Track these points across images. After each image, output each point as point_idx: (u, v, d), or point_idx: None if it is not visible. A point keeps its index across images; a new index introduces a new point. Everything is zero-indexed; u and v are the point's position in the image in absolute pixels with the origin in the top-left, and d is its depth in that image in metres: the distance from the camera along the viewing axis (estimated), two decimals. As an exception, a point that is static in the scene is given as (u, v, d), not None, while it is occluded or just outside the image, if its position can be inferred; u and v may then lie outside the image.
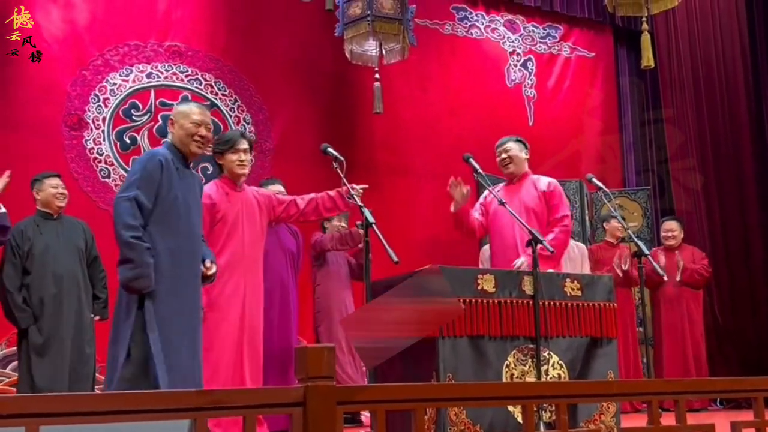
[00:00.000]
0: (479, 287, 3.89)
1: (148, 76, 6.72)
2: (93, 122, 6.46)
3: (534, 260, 3.97)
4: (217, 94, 6.97)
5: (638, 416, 6.10)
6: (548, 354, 4.02)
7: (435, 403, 2.51)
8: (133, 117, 6.60)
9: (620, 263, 6.64)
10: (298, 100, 7.30)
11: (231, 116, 7.00)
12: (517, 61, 8.59)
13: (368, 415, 5.17)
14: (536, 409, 3.60)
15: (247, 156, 4.33)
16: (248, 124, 7.07)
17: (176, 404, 1.56)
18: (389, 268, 3.63)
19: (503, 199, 4.39)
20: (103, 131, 6.49)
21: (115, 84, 6.58)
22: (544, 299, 4.00)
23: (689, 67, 8.53)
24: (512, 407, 3.78)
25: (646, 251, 4.94)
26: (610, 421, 4.12)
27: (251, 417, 1.61)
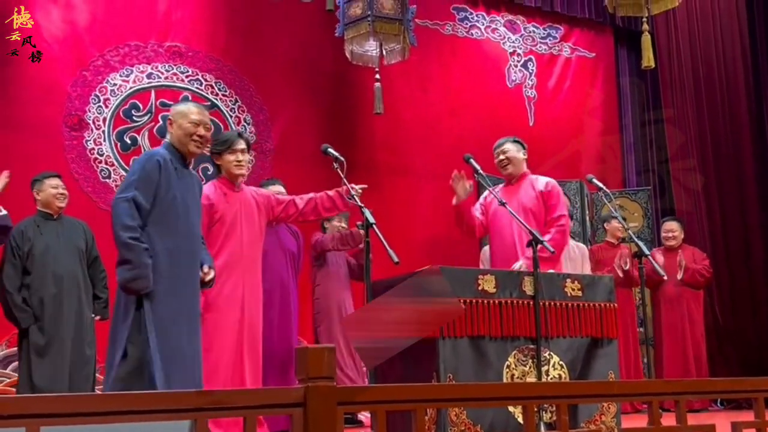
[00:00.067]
0: (480, 288, 3.89)
1: (149, 76, 6.72)
2: (93, 123, 6.47)
3: (535, 260, 3.97)
4: (217, 94, 6.97)
5: (639, 416, 6.09)
6: (549, 354, 4.02)
7: (435, 404, 2.51)
8: (134, 117, 6.60)
9: (621, 263, 6.64)
10: (298, 100, 7.30)
11: (231, 117, 7.00)
12: (518, 61, 8.59)
13: (368, 415, 5.17)
14: (537, 409, 3.60)
15: (245, 156, 4.31)
16: (249, 124, 7.07)
17: (176, 405, 1.56)
18: (390, 268, 3.62)
19: (504, 198, 4.40)
20: (103, 132, 6.49)
21: (115, 84, 6.58)
22: (544, 300, 4.01)
23: (690, 68, 8.53)
24: (513, 408, 3.78)
25: (646, 251, 4.94)
26: (610, 422, 4.12)
27: (252, 417, 1.61)
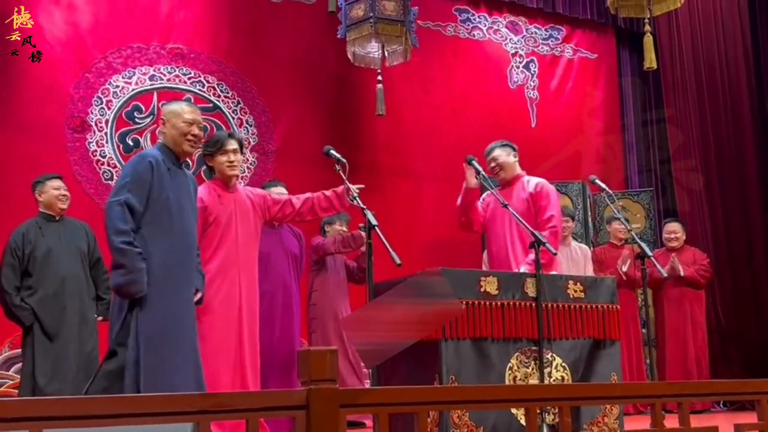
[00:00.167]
0: (482, 289, 3.89)
1: (151, 78, 6.73)
2: (96, 124, 6.47)
3: (536, 262, 3.97)
4: (219, 96, 6.98)
5: (641, 418, 6.09)
6: (551, 356, 4.02)
7: (438, 406, 2.51)
8: (136, 119, 6.61)
9: (622, 264, 6.63)
10: (300, 102, 7.30)
11: (234, 118, 7.00)
12: (520, 62, 8.58)
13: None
14: (539, 411, 3.59)
15: (237, 156, 4.26)
16: (251, 126, 7.08)
17: (179, 407, 1.56)
18: (392, 270, 3.62)
19: (495, 203, 4.42)
20: (105, 133, 6.49)
21: (117, 86, 6.58)
22: (546, 301, 4.00)
23: (692, 69, 8.52)
24: (515, 409, 3.77)
25: (649, 252, 4.93)
26: (613, 423, 4.11)
27: (254, 420, 1.61)
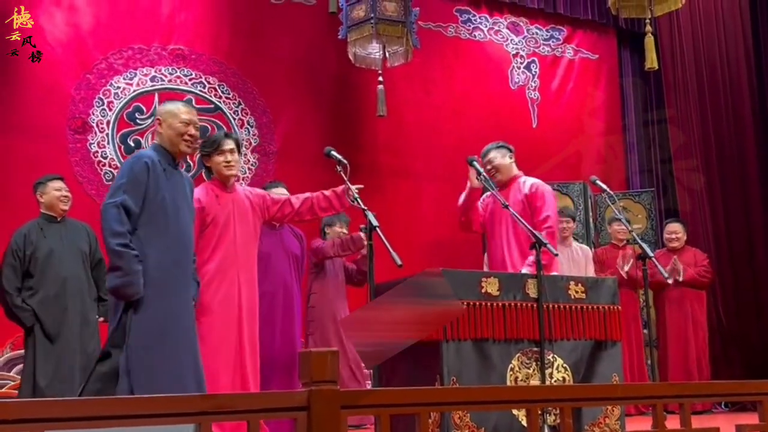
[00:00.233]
0: (483, 290, 3.89)
1: (152, 79, 6.73)
2: (97, 126, 6.48)
3: (538, 263, 3.97)
4: (220, 97, 6.98)
5: (643, 419, 6.08)
6: (552, 357, 4.02)
7: (439, 407, 2.51)
8: (137, 120, 6.61)
9: (623, 264, 6.63)
10: (301, 102, 7.30)
11: (235, 119, 7.01)
12: (521, 63, 8.58)
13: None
14: (541, 412, 3.59)
15: (234, 156, 4.25)
16: (252, 127, 7.08)
17: (180, 408, 1.56)
18: (393, 271, 3.62)
19: (497, 207, 4.43)
20: (107, 135, 6.50)
21: (119, 87, 6.59)
22: (548, 302, 4.00)
23: (693, 69, 8.52)
24: (517, 410, 3.77)
25: (650, 253, 4.93)
26: (614, 424, 4.11)
27: (255, 421, 1.62)
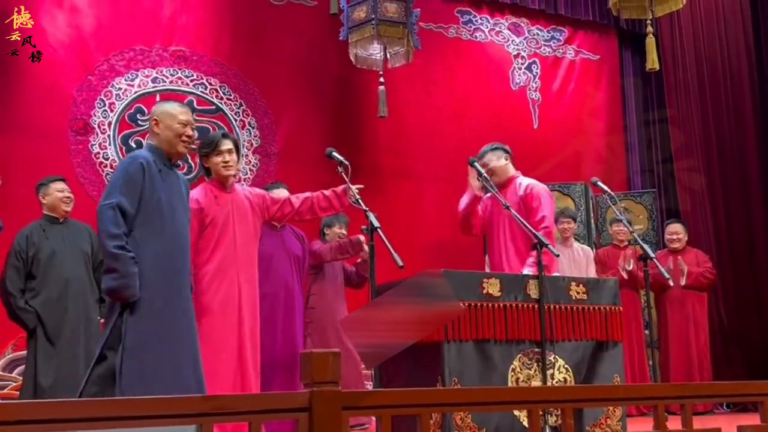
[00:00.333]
0: (484, 291, 3.89)
1: (154, 80, 6.74)
2: (99, 127, 6.49)
3: (539, 264, 3.97)
4: (222, 98, 6.99)
5: (644, 420, 6.07)
6: (554, 358, 4.02)
7: (440, 408, 2.51)
8: (139, 122, 6.62)
9: (624, 265, 6.63)
10: (302, 104, 7.31)
11: (236, 120, 7.01)
12: (522, 64, 8.58)
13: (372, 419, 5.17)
14: (542, 413, 3.59)
15: (232, 156, 4.24)
16: (253, 128, 7.08)
17: (181, 410, 1.57)
18: (394, 272, 3.62)
19: (495, 209, 4.45)
20: (108, 136, 6.50)
21: (120, 89, 6.60)
22: (549, 303, 4.00)
23: (694, 69, 8.51)
24: (518, 411, 3.77)
25: (651, 254, 4.93)
26: (616, 425, 4.11)
27: (257, 422, 1.62)
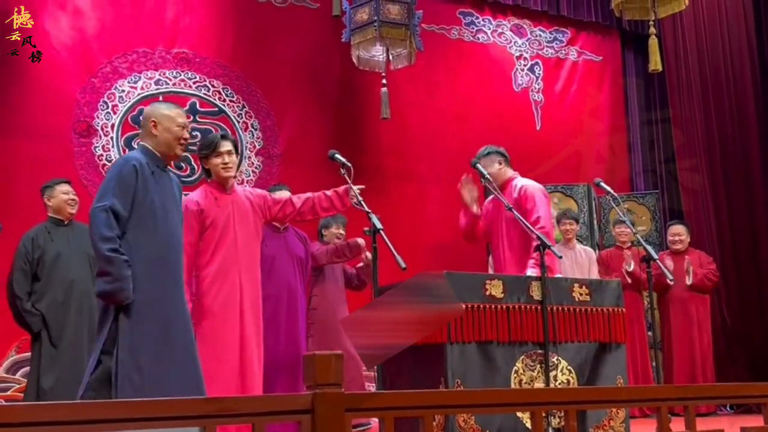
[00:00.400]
0: (487, 293, 3.89)
1: (157, 83, 6.75)
2: (102, 129, 6.49)
3: (542, 265, 3.97)
4: (225, 100, 7.00)
5: (647, 421, 6.07)
6: (557, 359, 4.01)
7: (443, 410, 2.51)
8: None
9: (625, 266, 6.62)
10: (305, 105, 7.31)
11: (239, 122, 7.02)
12: (524, 65, 8.58)
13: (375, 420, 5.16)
14: (545, 415, 3.59)
15: (231, 157, 4.24)
16: (256, 130, 7.09)
17: (184, 412, 1.57)
18: (397, 273, 3.62)
19: (495, 212, 4.45)
20: (111, 138, 6.51)
21: (123, 91, 6.61)
22: (552, 304, 4.00)
23: (697, 70, 8.50)
24: (521, 413, 3.77)
25: (654, 255, 4.92)
26: (619, 427, 4.11)
27: (260, 424, 1.62)
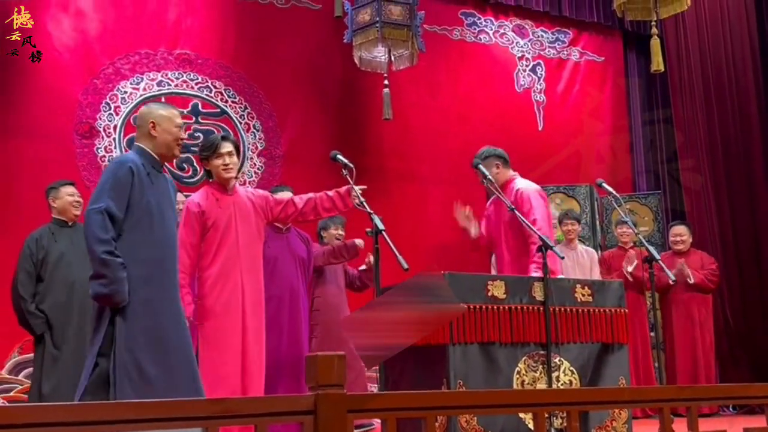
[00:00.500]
0: (489, 293, 3.89)
1: (159, 84, 6.75)
2: (104, 130, 6.50)
3: (544, 266, 3.97)
4: (227, 101, 7.00)
5: (650, 422, 6.06)
6: (559, 360, 4.01)
7: (446, 411, 2.51)
8: (144, 125, 6.62)
9: (626, 266, 6.61)
10: (307, 106, 7.31)
11: (241, 123, 7.02)
12: (526, 66, 8.58)
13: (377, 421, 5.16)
14: (547, 416, 3.59)
15: (232, 159, 4.23)
16: (258, 131, 7.09)
17: (187, 413, 1.57)
18: (399, 274, 3.62)
19: (496, 214, 4.46)
20: (114, 139, 6.52)
21: (125, 92, 6.61)
22: (554, 305, 4.00)
23: (699, 71, 8.50)
24: (523, 414, 3.77)
25: (656, 256, 4.91)
26: (621, 428, 4.10)
27: (262, 426, 1.62)
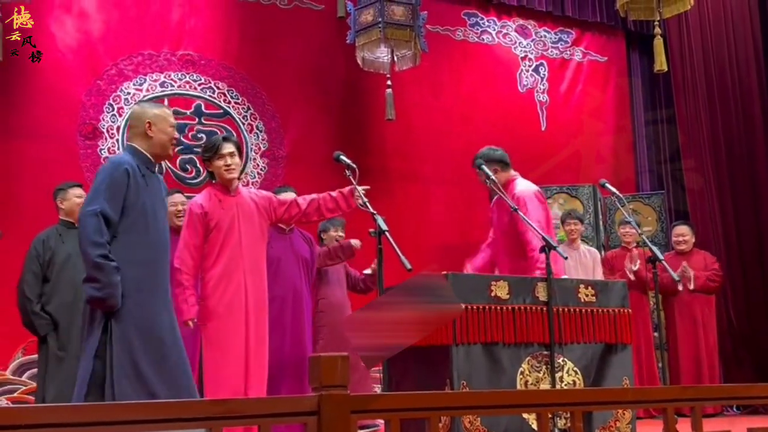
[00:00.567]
0: (492, 294, 3.89)
1: (162, 85, 6.76)
2: (108, 131, 6.51)
3: (547, 267, 3.96)
4: (230, 102, 7.01)
5: (654, 422, 6.05)
6: (563, 360, 4.01)
7: (449, 412, 2.51)
8: (147, 126, 6.63)
9: (630, 266, 6.60)
10: (310, 107, 7.32)
11: (244, 124, 7.03)
12: (529, 66, 8.57)
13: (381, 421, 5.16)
14: (551, 416, 3.58)
15: (234, 159, 4.22)
16: (261, 131, 7.10)
17: (190, 413, 1.57)
18: (402, 275, 3.61)
19: (497, 215, 4.46)
20: (117, 140, 6.53)
21: (129, 93, 6.62)
22: (558, 306, 3.99)
23: (702, 71, 8.49)
24: (527, 414, 3.76)
25: (660, 256, 4.90)
26: (625, 428, 4.10)
27: (266, 426, 1.62)
